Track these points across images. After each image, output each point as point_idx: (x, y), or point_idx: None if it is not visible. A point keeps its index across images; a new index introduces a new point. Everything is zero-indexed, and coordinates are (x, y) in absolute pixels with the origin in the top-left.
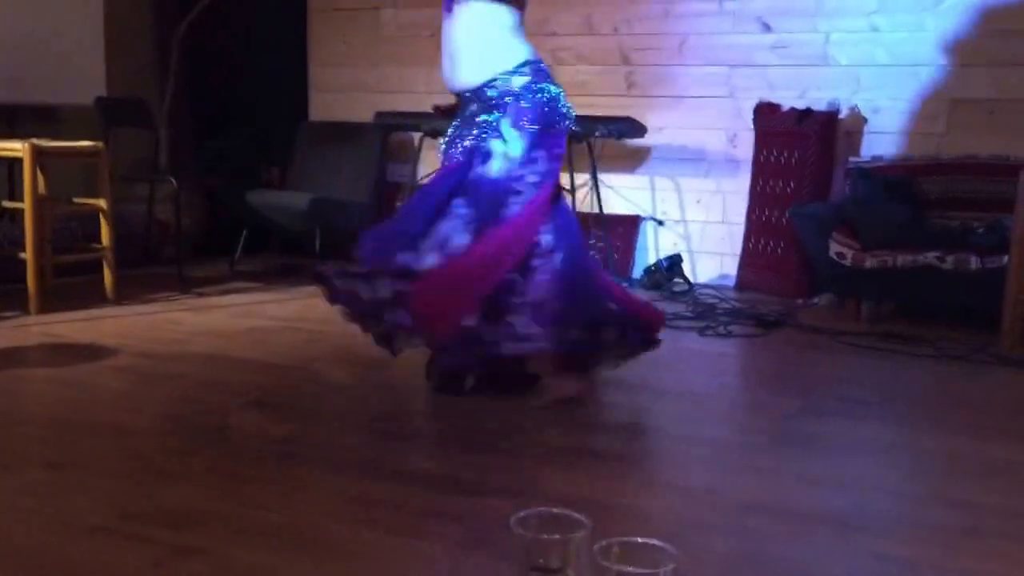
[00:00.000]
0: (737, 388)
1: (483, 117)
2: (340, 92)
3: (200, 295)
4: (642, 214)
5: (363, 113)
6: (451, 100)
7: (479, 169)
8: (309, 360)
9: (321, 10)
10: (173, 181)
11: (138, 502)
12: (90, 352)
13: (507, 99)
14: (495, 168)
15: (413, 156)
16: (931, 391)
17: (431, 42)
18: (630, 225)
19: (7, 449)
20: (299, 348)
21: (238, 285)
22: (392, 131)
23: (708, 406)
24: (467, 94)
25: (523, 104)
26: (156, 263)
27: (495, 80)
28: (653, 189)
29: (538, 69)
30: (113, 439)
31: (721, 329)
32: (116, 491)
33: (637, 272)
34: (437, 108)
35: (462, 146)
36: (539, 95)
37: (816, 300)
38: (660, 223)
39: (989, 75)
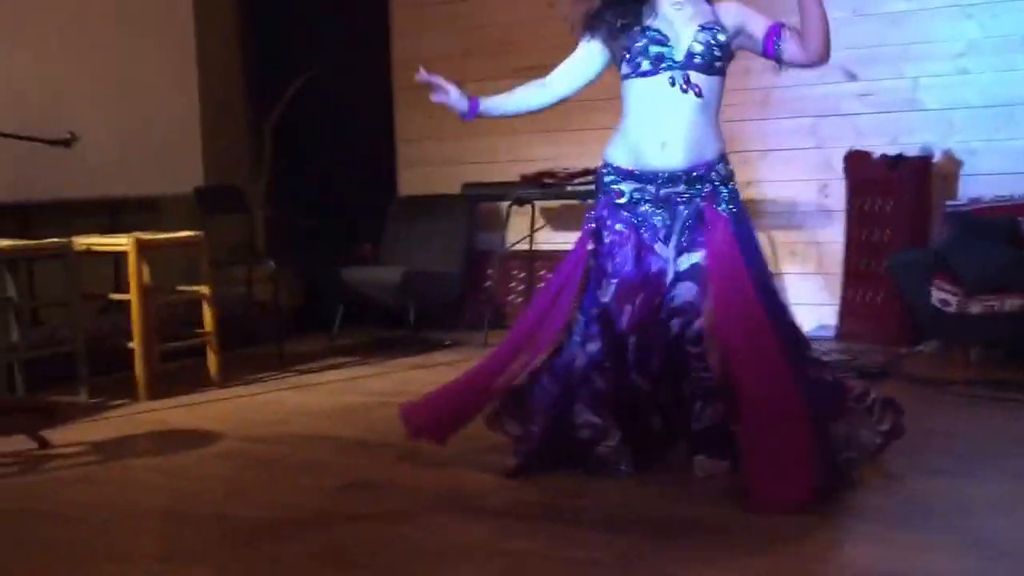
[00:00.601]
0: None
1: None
2: (427, 167)
3: (300, 372)
4: None
5: (450, 185)
6: (536, 168)
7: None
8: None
9: (406, 88)
10: (272, 263)
11: None
12: (196, 439)
13: (718, 185)
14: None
15: (501, 224)
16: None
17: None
18: None
19: (119, 543)
20: (397, 424)
21: (337, 360)
22: (479, 201)
23: None
24: (668, 174)
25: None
26: (256, 343)
27: (713, 163)
28: None
29: None
30: (219, 529)
31: None
32: None
33: None
34: (524, 177)
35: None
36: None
37: (920, 348)
38: None
39: None
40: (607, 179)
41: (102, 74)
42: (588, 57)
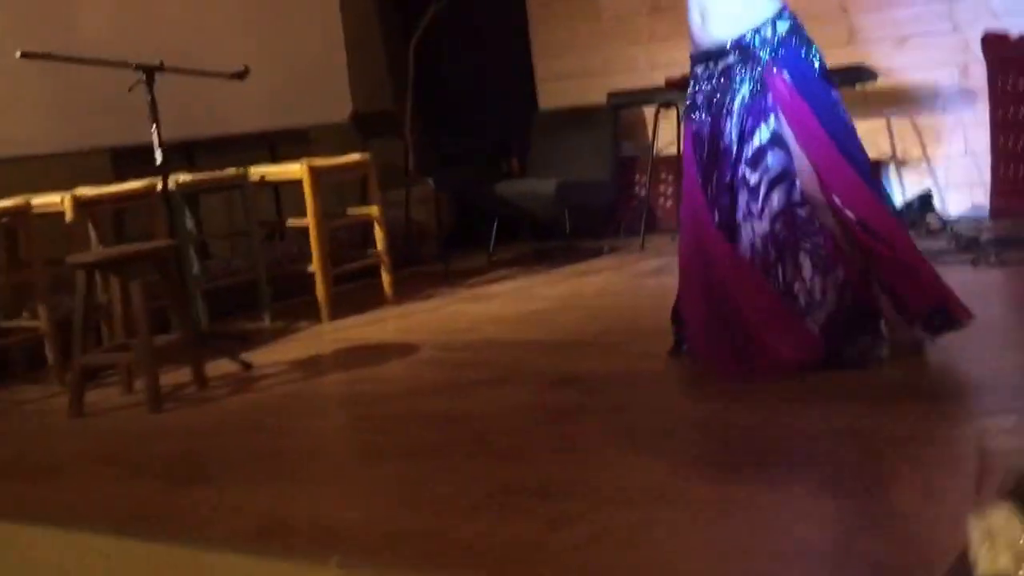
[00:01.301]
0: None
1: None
2: (566, 79)
3: (470, 286)
4: (882, 158)
5: (591, 96)
6: (679, 72)
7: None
8: (600, 334)
9: (541, 4)
10: (431, 182)
11: (501, 479)
12: (396, 350)
13: (776, 44)
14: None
15: (643, 130)
16: None
17: (649, 19)
18: (872, 169)
19: (362, 444)
20: (585, 324)
21: (501, 273)
22: (625, 108)
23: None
24: (717, 49)
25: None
26: (418, 263)
27: (760, 28)
28: (891, 131)
29: (793, 14)
30: (451, 426)
31: (992, 259)
32: (476, 473)
33: None
34: (669, 81)
35: (716, 103)
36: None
37: None
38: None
39: None
40: (690, 72)
41: (255, 12)
42: None
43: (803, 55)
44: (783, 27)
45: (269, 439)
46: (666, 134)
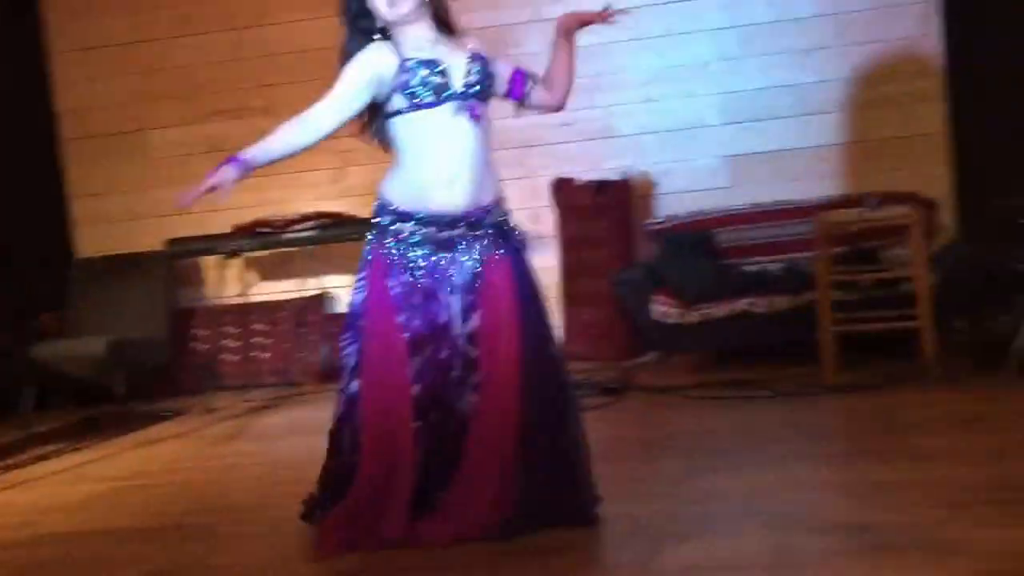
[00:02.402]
0: (621, 458)
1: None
2: (109, 223)
3: (4, 469)
4: None
5: (140, 241)
6: (240, 217)
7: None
8: (186, 515)
9: (78, 139)
10: None
11: None
12: None
13: (504, 227)
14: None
15: (200, 278)
16: (787, 427)
17: (204, 160)
18: None
19: None
20: (163, 505)
21: (44, 450)
22: (188, 257)
23: (607, 480)
24: (451, 216)
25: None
26: None
27: (496, 204)
28: None
29: None
30: None
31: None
32: None
33: None
34: (238, 227)
35: (442, 266)
36: None
37: (644, 359)
38: None
39: (756, 130)
40: (384, 221)
41: None
42: (356, 90)
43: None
44: (506, 207)
45: None
46: (230, 283)
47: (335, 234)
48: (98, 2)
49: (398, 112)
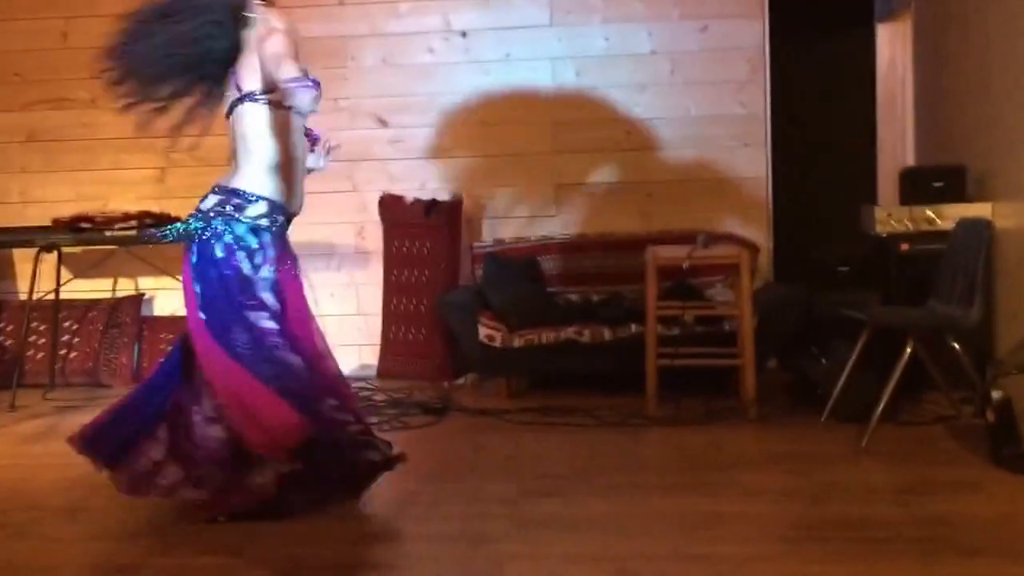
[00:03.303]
0: (452, 478)
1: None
2: None
3: None
4: None
5: None
6: (72, 212)
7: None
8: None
9: None
10: None
11: None
12: None
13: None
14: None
15: (7, 271)
16: (613, 457)
17: (23, 149)
18: None
19: None
20: None
21: None
22: (2, 248)
23: (442, 499)
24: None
25: None
26: None
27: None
28: None
29: None
30: None
31: (395, 422)
32: None
33: None
34: (58, 221)
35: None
36: None
37: (461, 381)
38: None
39: (586, 160)
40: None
41: None
42: None
43: None
44: None
45: None
46: (41, 278)
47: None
48: None
49: (250, 96)
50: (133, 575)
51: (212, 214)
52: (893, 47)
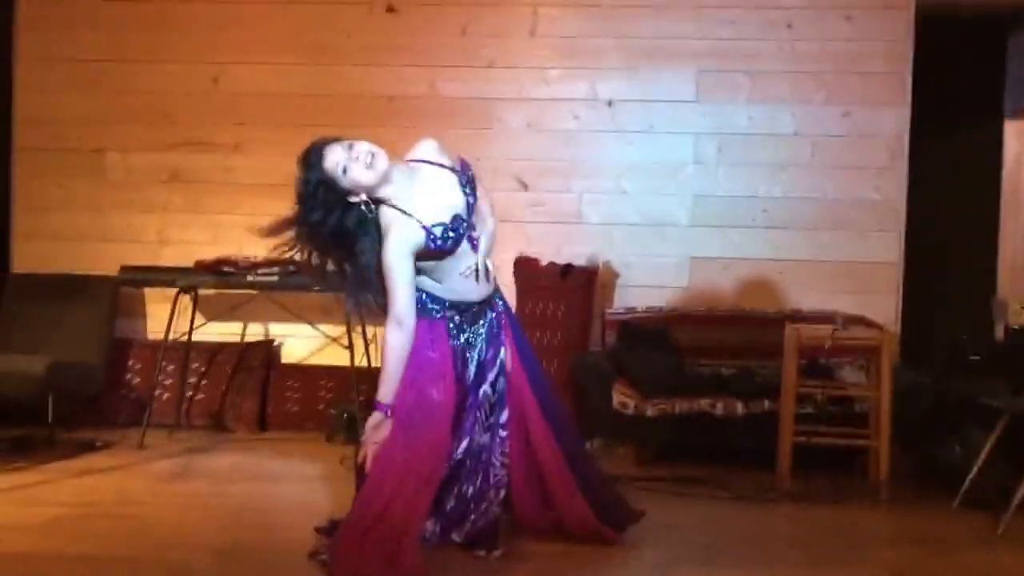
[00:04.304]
0: (594, 544)
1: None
2: (52, 240)
3: None
4: None
5: (83, 264)
6: (209, 255)
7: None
8: (158, 550)
9: (31, 149)
10: None
11: None
12: None
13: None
14: None
15: (140, 309)
16: (752, 529)
17: (165, 188)
18: None
19: None
20: (134, 537)
21: None
22: (142, 286)
23: (600, 560)
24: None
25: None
26: None
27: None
28: None
29: None
30: None
31: None
32: None
33: None
34: (201, 264)
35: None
36: None
37: (588, 445)
38: None
39: (721, 235)
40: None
41: None
42: (410, 270)
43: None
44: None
45: None
46: (161, 317)
47: (297, 282)
48: (74, 13)
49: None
50: None
51: None
52: (1020, 143)
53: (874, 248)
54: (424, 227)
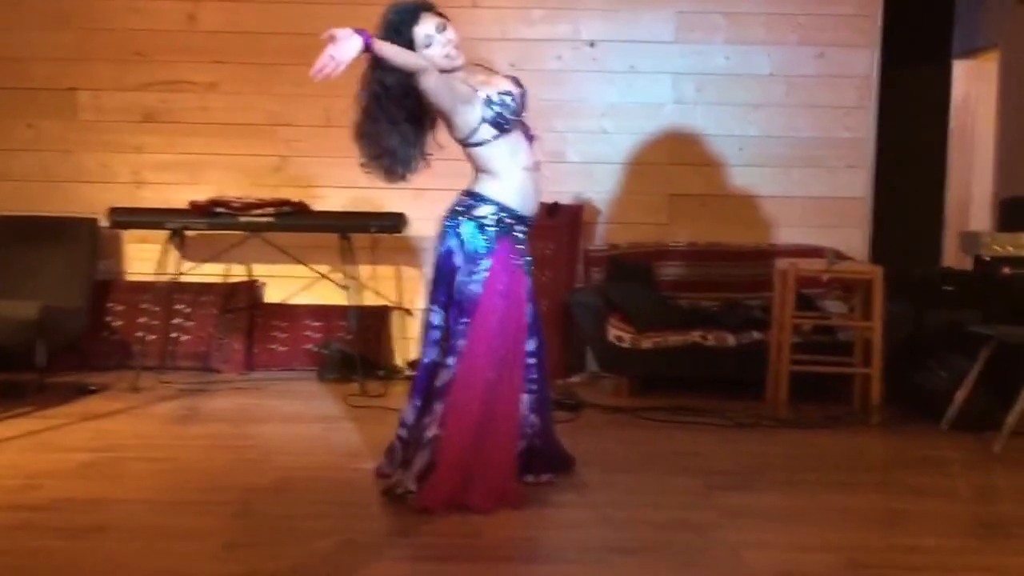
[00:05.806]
0: (632, 470)
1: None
2: (23, 182)
3: None
4: (389, 304)
5: (54, 206)
6: (205, 196)
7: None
8: (211, 491)
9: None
10: None
11: None
12: None
13: None
14: None
15: (118, 251)
16: (763, 456)
17: (138, 128)
18: (378, 317)
19: None
20: (176, 479)
21: None
22: (134, 228)
23: (636, 489)
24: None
25: None
26: None
27: None
28: (399, 279)
29: None
30: None
31: None
32: None
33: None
34: (195, 205)
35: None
36: None
37: (576, 378)
38: (408, 313)
39: (698, 173)
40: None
41: None
42: (465, 93)
43: None
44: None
45: None
46: (145, 257)
47: (291, 223)
48: None
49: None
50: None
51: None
52: (967, 84)
53: (844, 184)
54: (485, 95)
